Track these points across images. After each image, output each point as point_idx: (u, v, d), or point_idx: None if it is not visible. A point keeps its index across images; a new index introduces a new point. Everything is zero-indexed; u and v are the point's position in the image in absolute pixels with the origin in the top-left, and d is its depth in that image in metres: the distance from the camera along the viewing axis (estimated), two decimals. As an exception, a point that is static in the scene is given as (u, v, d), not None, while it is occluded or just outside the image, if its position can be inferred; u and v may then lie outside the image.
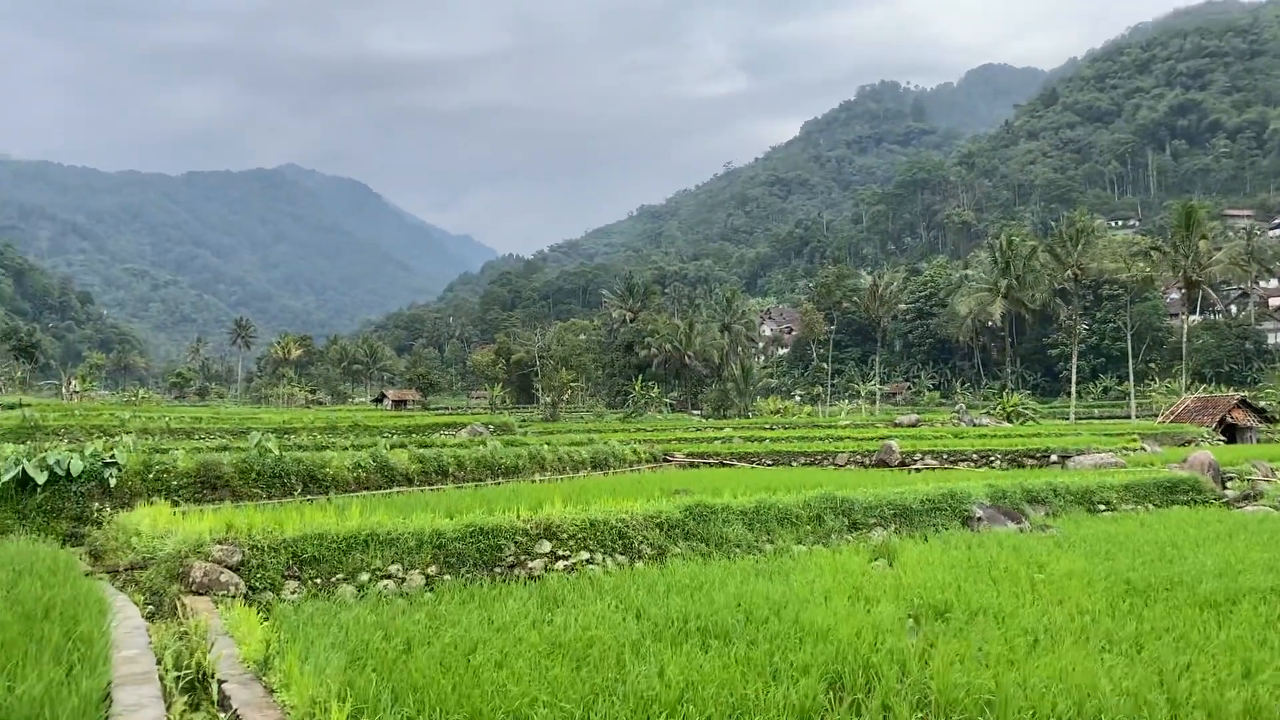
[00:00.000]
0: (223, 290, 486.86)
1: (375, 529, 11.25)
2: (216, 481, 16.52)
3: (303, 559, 10.73)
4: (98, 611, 7.97)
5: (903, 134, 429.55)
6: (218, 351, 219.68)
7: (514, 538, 12.10)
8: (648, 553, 13.11)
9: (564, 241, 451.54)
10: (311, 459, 18.03)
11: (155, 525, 11.97)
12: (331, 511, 11.82)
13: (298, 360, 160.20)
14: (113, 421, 38.71)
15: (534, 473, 22.97)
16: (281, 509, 13.58)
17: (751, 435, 43.19)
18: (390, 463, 19.33)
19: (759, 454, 33.39)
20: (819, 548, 14.76)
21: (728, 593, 10.29)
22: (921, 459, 30.95)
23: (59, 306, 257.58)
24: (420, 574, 11.25)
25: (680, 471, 28.33)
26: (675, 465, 31.18)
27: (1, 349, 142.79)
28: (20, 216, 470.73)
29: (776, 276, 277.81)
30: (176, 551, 10.50)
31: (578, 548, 12.52)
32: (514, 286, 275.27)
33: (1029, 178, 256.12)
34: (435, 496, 16.93)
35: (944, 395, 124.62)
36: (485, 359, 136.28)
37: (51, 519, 14.17)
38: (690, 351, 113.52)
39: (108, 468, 15.05)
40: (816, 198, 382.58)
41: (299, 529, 10.98)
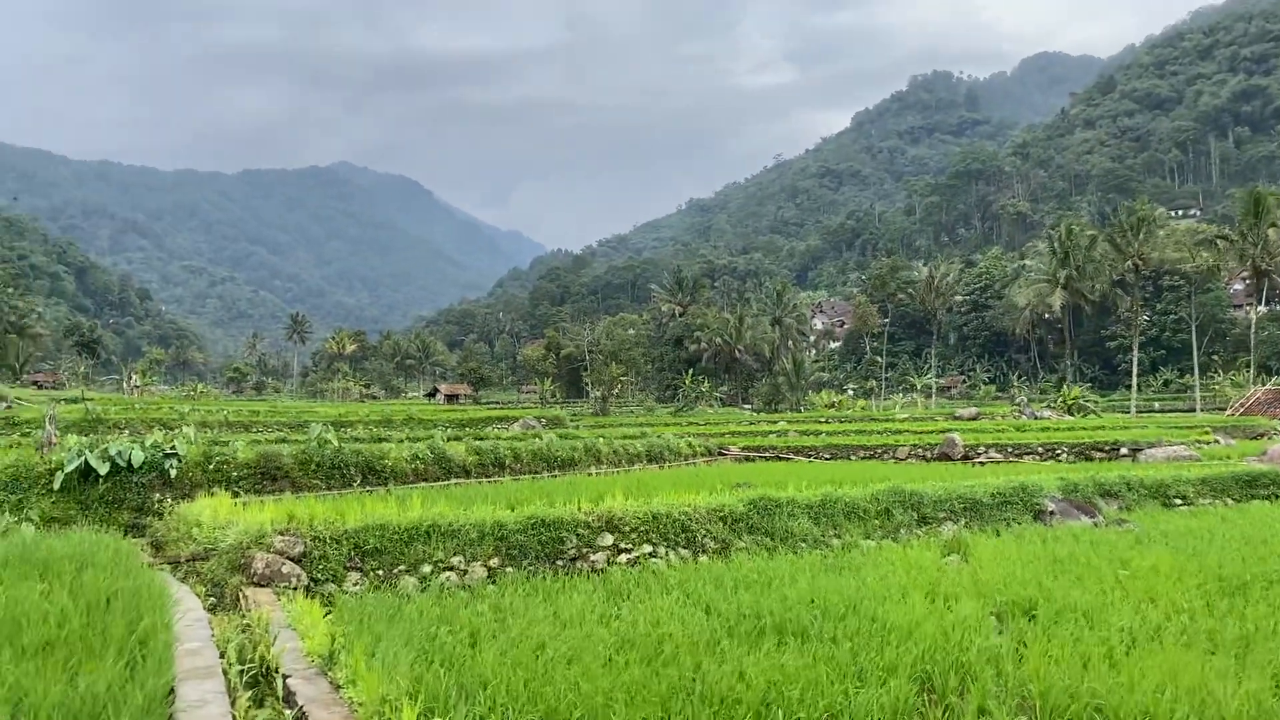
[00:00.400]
0: (278, 286, 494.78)
1: (437, 520, 11.06)
2: (276, 472, 16.50)
3: (365, 550, 10.56)
4: (160, 603, 7.83)
5: (956, 124, 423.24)
6: (273, 347, 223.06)
7: (576, 530, 11.83)
8: (711, 546, 12.79)
9: (612, 236, 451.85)
10: (370, 450, 17.96)
11: (216, 516, 11.88)
12: (392, 503, 11.65)
13: (352, 355, 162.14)
14: (172, 415, 39.28)
15: (589, 466, 22.77)
16: (342, 500, 13.46)
17: (807, 429, 42.58)
18: (447, 455, 19.22)
19: (816, 448, 32.85)
20: (887, 543, 14.32)
21: (799, 588, 9.93)
22: (985, 452, 30.22)
23: (119, 303, 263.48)
24: (482, 566, 11.03)
25: (736, 465, 27.94)
26: (730, 459, 30.79)
27: (65, 344, 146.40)
28: (82, 215, 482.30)
29: (828, 269, 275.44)
30: (238, 543, 10.38)
31: (640, 541, 12.22)
32: (563, 282, 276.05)
33: (1086, 167, 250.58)
34: (493, 488, 16.76)
35: (1000, 389, 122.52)
36: (535, 354, 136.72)
37: (113, 510, 14.21)
38: (740, 345, 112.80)
39: (168, 459, 15.08)
40: (868, 189, 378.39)
41: (360, 520, 10.82)
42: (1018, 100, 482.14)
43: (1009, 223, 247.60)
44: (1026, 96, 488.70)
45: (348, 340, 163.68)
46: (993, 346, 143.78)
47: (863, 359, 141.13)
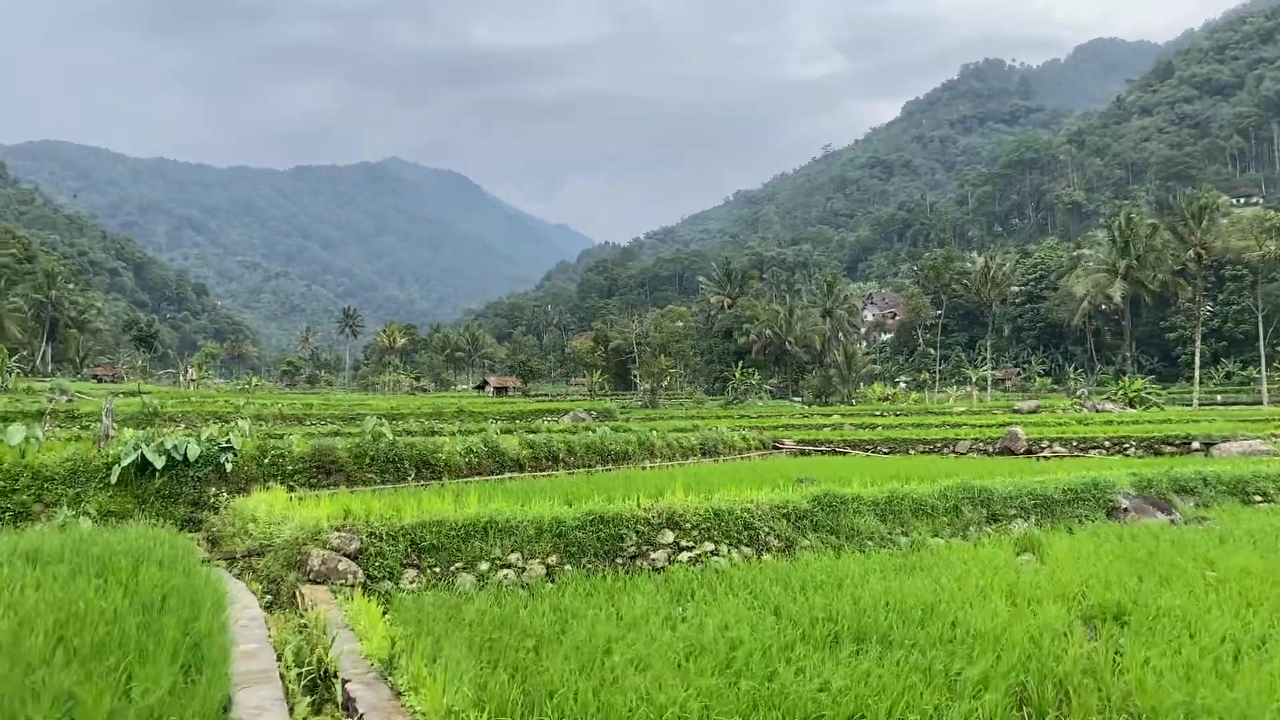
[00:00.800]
0: (330, 281, 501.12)
1: (494, 517, 10.78)
2: (331, 466, 16.37)
3: (421, 547, 10.31)
4: (216, 602, 7.62)
5: (1008, 113, 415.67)
6: (326, 340, 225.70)
7: (635, 527, 11.49)
8: (774, 545, 12.38)
9: (660, 229, 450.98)
10: (424, 444, 17.79)
11: (271, 511, 11.73)
12: (449, 498, 11.41)
13: (402, 348, 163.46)
14: (228, 408, 39.66)
15: (643, 459, 22.41)
16: (397, 495, 13.25)
17: (862, 422, 41.81)
18: (501, 448, 18.98)
19: (873, 442, 32.16)
20: (957, 541, 13.82)
21: (872, 590, 9.49)
22: (1049, 446, 29.35)
23: (176, 298, 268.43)
24: (540, 564, 10.74)
25: (792, 459, 27.43)
26: (785, 453, 30.26)
27: (124, 339, 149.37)
28: (139, 212, 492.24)
29: (878, 260, 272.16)
30: (293, 538, 10.18)
31: (701, 538, 11.86)
32: (611, 274, 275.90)
33: (1143, 155, 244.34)
34: (548, 483, 16.48)
35: (1056, 381, 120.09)
36: (584, 346, 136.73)
37: (169, 504, 14.14)
38: (790, 337, 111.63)
39: (224, 452, 14.99)
40: (919, 179, 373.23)
41: (417, 516, 10.57)
42: (1072, 88, 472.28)
43: (1063, 212, 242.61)
44: (1081, 84, 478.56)
45: (398, 334, 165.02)
46: (1048, 338, 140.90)
47: (915, 351, 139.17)
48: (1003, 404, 57.44)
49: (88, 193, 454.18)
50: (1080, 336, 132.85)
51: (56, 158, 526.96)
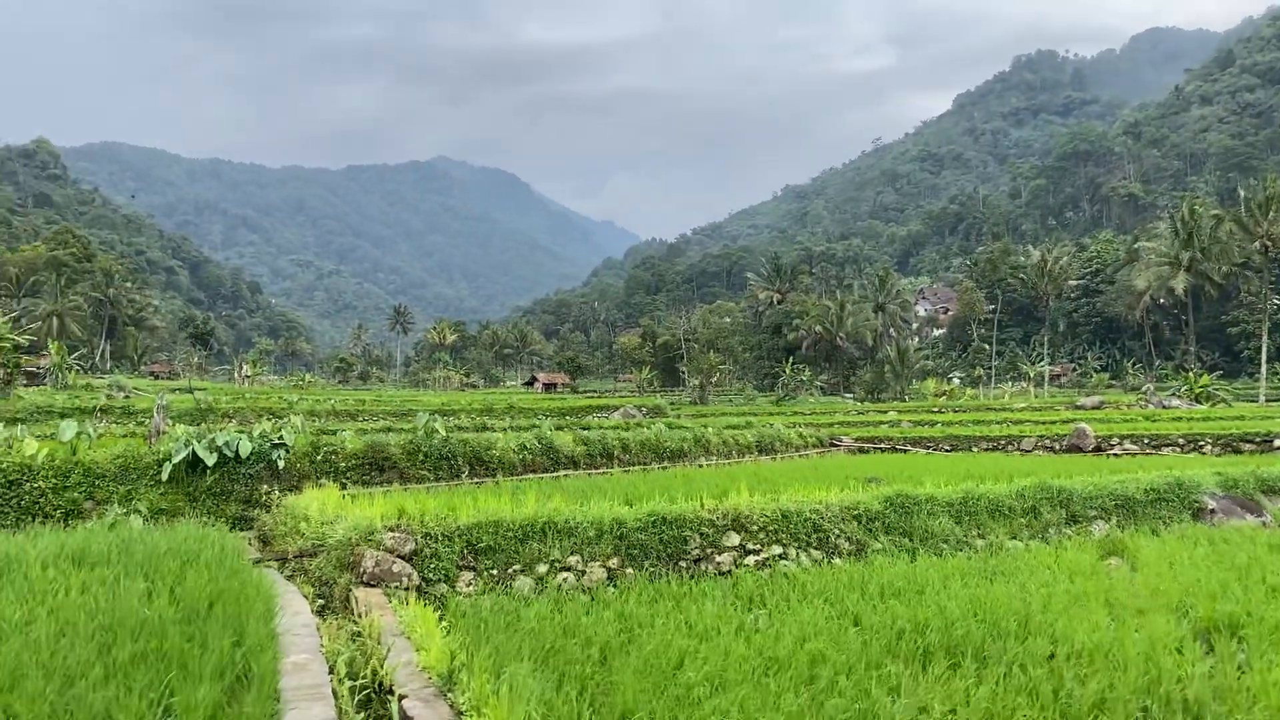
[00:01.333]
0: (381, 279, 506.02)
1: (553, 517, 10.31)
2: (384, 463, 16.04)
3: (478, 548, 9.88)
4: (265, 609, 7.23)
5: (1062, 104, 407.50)
6: (377, 337, 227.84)
7: (700, 529, 10.96)
8: (845, 548, 11.78)
9: (707, 224, 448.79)
10: (477, 440, 17.39)
11: (324, 510, 11.37)
12: (505, 497, 10.95)
13: (452, 345, 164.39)
14: (281, 404, 39.79)
15: (699, 457, 21.85)
16: (453, 493, 12.85)
17: (920, 419, 40.88)
18: (555, 445, 18.54)
19: (935, 439, 31.28)
20: (1036, 544, 13.11)
21: (957, 599, 8.88)
22: (1119, 444, 28.29)
23: (231, 296, 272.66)
24: (601, 567, 10.25)
25: (851, 457, 26.73)
26: (843, 450, 29.52)
27: (180, 336, 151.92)
28: (195, 212, 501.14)
29: (930, 255, 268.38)
30: (346, 539, 9.80)
31: (769, 541, 11.29)
32: (657, 270, 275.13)
33: (1202, 146, 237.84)
34: (605, 481, 16.00)
35: (1114, 377, 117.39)
36: (632, 343, 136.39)
37: (221, 501, 13.88)
38: (842, 333, 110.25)
39: (276, 449, 14.71)
40: (971, 173, 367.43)
41: (473, 516, 10.14)
42: (1128, 78, 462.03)
43: (1120, 205, 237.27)
44: (1137, 74, 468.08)
45: (448, 330, 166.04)
46: (1104, 333, 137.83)
47: (969, 346, 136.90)
48: (1063, 400, 55.90)
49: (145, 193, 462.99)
50: (1138, 331, 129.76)
51: (115, 159, 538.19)
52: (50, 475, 13.26)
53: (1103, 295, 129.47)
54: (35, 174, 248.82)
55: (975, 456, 25.98)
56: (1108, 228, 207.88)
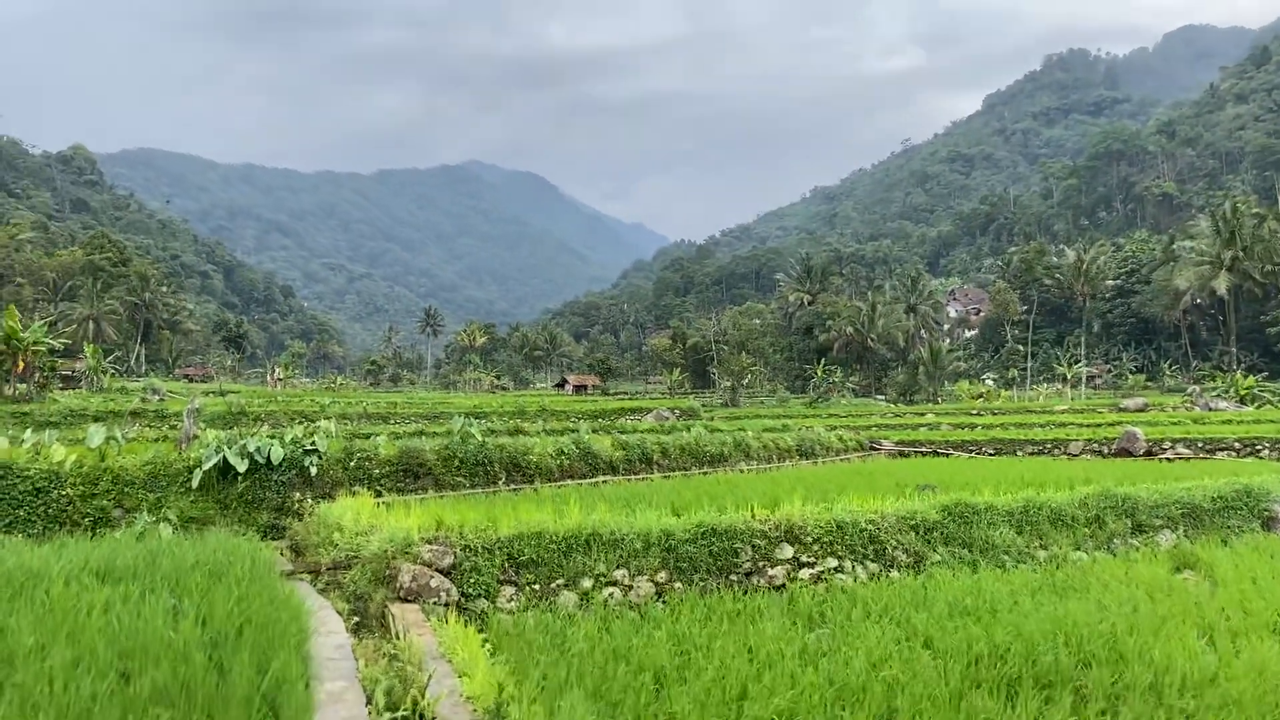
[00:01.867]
0: (412, 282, 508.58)
1: (597, 528, 9.80)
2: (419, 469, 15.58)
3: (519, 562, 9.39)
4: (298, 631, 6.76)
5: (1093, 104, 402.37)
6: (408, 340, 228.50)
7: (751, 541, 10.41)
8: (902, 560, 11.18)
9: (736, 226, 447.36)
10: (514, 445, 16.88)
11: (358, 519, 10.92)
12: (547, 507, 10.44)
13: (482, 347, 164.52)
14: (313, 407, 39.61)
15: (738, 461, 21.26)
16: (491, 502, 12.36)
17: (960, 422, 40.01)
18: (593, 450, 18.02)
19: (977, 442, 30.49)
20: (1101, 555, 12.44)
21: (1030, 617, 8.27)
22: (1172, 447, 27.38)
23: (264, 300, 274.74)
24: (648, 581, 9.73)
25: (894, 461, 26.02)
26: (884, 454, 28.81)
27: (213, 339, 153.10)
28: (229, 217, 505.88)
29: (960, 256, 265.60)
30: (382, 551, 9.34)
31: (823, 553, 10.72)
32: (686, 272, 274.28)
33: (1238, 144, 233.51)
34: (645, 488, 15.46)
35: (1150, 378, 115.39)
36: (662, 344, 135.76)
37: (252, 510, 13.48)
38: (873, 334, 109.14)
39: (308, 455, 14.30)
40: (1001, 173, 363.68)
41: (514, 528, 9.65)
42: (1161, 77, 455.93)
43: (1154, 205, 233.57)
44: (1170, 72, 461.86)
45: (478, 333, 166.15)
46: (1139, 334, 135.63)
47: (1001, 348, 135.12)
48: (1104, 402, 54.66)
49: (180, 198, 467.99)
50: (1174, 332, 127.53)
51: (150, 165, 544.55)
52: (78, 482, 12.92)
53: (1138, 296, 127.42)
54: (73, 180, 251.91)
55: (1021, 461, 25.20)
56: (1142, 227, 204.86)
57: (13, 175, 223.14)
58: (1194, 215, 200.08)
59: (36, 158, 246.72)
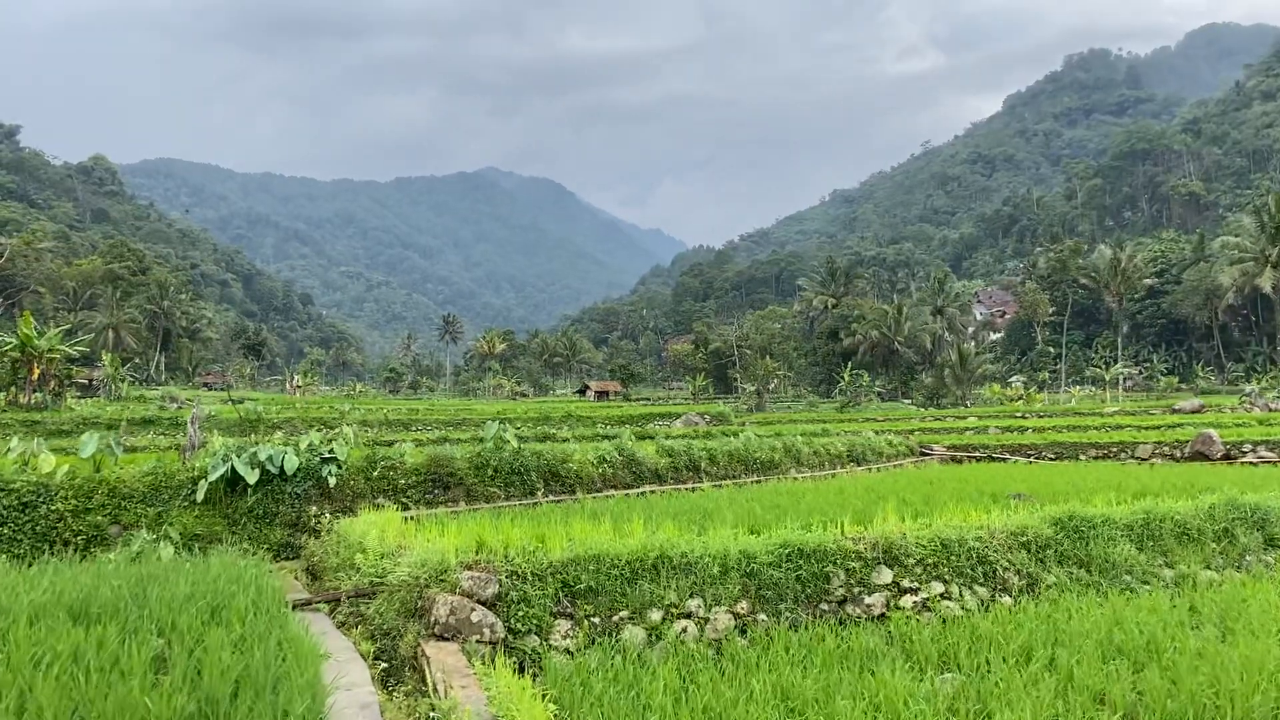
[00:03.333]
0: (430, 289, 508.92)
1: (666, 550, 8.28)
2: (449, 479, 14.04)
3: (575, 591, 7.88)
4: (311, 684, 5.27)
5: (1116, 103, 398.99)
6: (426, 347, 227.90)
7: (845, 563, 8.86)
8: (1014, 583, 9.60)
9: (754, 230, 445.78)
10: (552, 453, 15.29)
11: (384, 538, 9.44)
12: (604, 524, 8.90)
13: (501, 354, 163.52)
14: (333, 414, 38.29)
15: (788, 468, 19.69)
16: (535, 518, 10.83)
17: (1008, 425, 38.19)
18: (637, 457, 16.46)
19: (1036, 446, 28.75)
20: (1232, 573, 10.80)
21: (1209, 660, 6.69)
22: (1253, 450, 25.57)
23: (283, 308, 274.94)
24: (727, 613, 8.20)
25: (946, 467, 24.38)
26: (936, 459, 27.13)
27: (233, 347, 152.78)
28: (248, 225, 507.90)
29: (983, 258, 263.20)
30: (413, 578, 7.86)
31: (926, 576, 9.15)
32: (705, 277, 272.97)
33: (1266, 142, 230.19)
34: (699, 499, 13.90)
35: (1182, 380, 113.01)
36: (684, 349, 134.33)
37: (263, 525, 12.01)
38: (900, 337, 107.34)
39: (326, 464, 12.83)
40: (1023, 174, 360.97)
41: (567, 549, 8.15)
42: (1183, 76, 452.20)
43: (1180, 204, 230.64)
44: (1193, 72, 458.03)
45: (497, 339, 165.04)
46: (1170, 335, 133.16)
47: (1028, 350, 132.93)
48: (1157, 403, 52.60)
49: (199, 208, 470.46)
50: (1206, 333, 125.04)
51: (170, 175, 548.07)
52: (70, 496, 11.48)
53: (1169, 296, 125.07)
54: (93, 190, 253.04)
55: (1087, 466, 23.50)
56: (1168, 227, 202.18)
57: (35, 186, 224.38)
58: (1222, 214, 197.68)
59: (58, 168, 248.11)
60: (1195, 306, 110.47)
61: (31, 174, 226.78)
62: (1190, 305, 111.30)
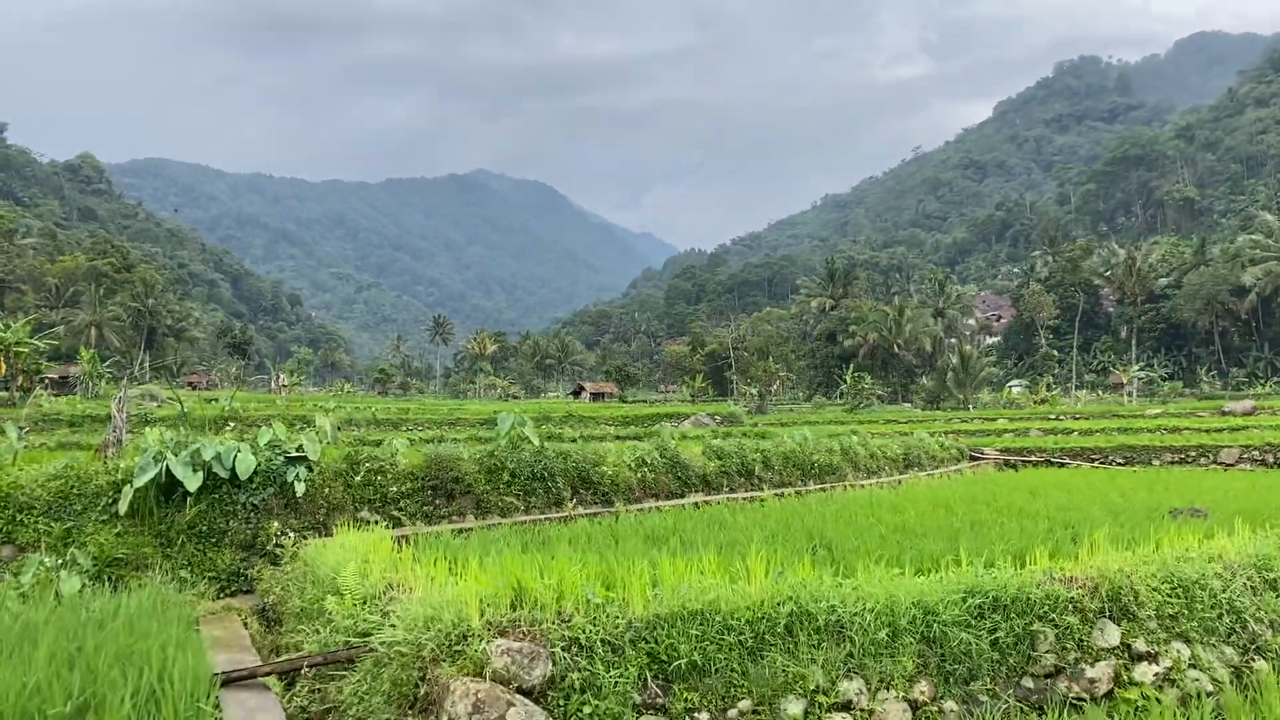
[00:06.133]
0: (420, 291, 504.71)
1: (802, 600, 5.36)
2: (454, 486, 10.87)
3: (670, 669, 4.96)
4: None
5: (1107, 110, 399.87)
6: (416, 349, 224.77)
7: (1055, 617, 5.95)
8: (1270, 642, 6.70)
9: (746, 234, 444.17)
10: (581, 455, 12.22)
11: (368, 573, 6.50)
12: (709, 561, 5.87)
13: (492, 355, 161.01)
14: (316, 411, 35.27)
15: (847, 473, 16.77)
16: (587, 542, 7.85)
17: (1050, 428, 35.41)
18: (683, 459, 13.48)
19: (1102, 450, 25.90)
20: None
21: None
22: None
23: (271, 308, 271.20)
24: (900, 700, 5.31)
25: (1002, 474, 21.58)
26: (990, 464, 24.33)
27: (219, 347, 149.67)
28: (237, 226, 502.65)
29: (976, 263, 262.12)
30: (414, 646, 4.97)
31: (1165, 635, 6.26)
32: (698, 280, 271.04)
33: (1260, 148, 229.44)
34: (785, 513, 10.89)
35: (1186, 384, 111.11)
36: (680, 351, 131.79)
37: (208, 547, 8.90)
38: (900, 340, 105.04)
39: (292, 465, 9.82)
40: (1014, 179, 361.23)
41: (652, 600, 5.22)
42: (1174, 83, 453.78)
43: (1175, 209, 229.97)
44: (1183, 79, 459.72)
45: (488, 341, 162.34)
46: (1169, 340, 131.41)
47: (1026, 354, 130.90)
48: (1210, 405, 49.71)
49: (189, 208, 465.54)
50: (1205, 338, 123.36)
51: (159, 174, 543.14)
52: (-62, 508, 8.49)
53: (1169, 300, 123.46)
54: (80, 189, 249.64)
55: (1169, 472, 20.68)
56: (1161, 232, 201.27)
57: (21, 184, 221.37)
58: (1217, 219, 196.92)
59: (45, 166, 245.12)
60: (1196, 311, 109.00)
61: (18, 171, 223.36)
62: (1191, 310, 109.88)
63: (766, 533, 8.63)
